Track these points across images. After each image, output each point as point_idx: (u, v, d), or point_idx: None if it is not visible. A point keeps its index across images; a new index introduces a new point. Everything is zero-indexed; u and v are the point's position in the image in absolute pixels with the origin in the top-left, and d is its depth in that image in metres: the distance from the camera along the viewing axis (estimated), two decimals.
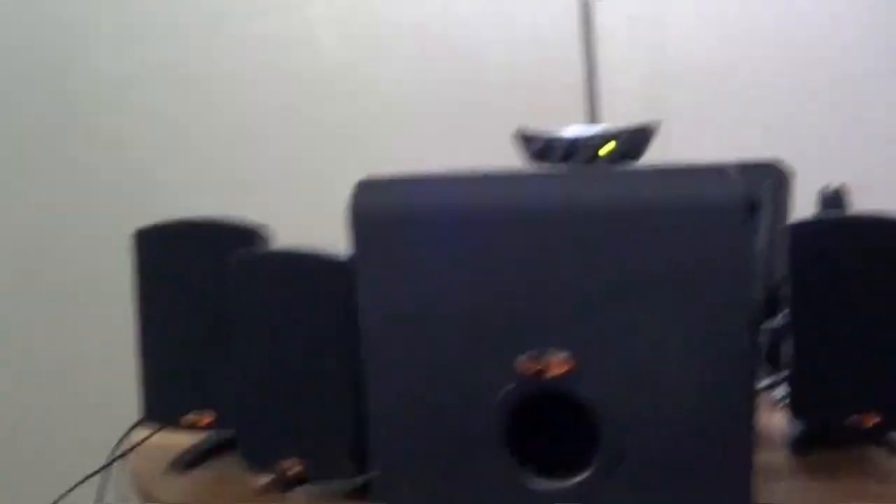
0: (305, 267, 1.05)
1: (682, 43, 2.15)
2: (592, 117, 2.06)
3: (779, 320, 1.17)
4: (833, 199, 1.29)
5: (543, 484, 0.92)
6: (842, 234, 1.05)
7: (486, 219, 0.92)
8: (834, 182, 1.29)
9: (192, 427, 1.16)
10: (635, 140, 0.97)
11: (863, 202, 1.24)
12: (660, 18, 2.16)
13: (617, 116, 1.00)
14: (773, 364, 1.21)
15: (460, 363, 0.93)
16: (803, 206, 1.35)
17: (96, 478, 1.22)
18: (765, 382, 1.25)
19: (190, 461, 1.18)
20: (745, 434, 0.88)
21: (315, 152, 2.30)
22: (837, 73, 2.04)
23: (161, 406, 1.18)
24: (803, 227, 1.06)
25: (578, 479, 0.91)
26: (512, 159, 1.08)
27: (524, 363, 0.91)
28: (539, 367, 0.91)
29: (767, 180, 1.25)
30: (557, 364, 0.91)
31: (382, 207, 0.96)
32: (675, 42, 2.15)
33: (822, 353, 1.05)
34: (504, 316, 0.92)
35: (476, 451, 0.93)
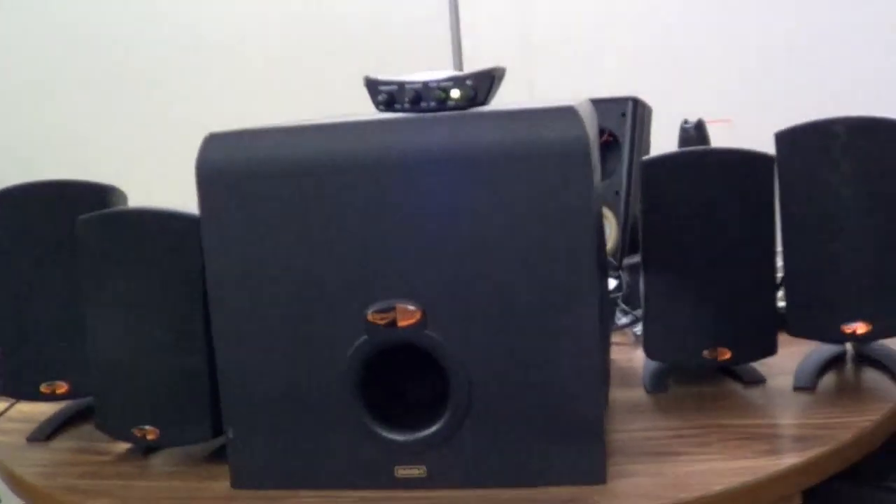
0: (157, 226, 1.01)
1: None
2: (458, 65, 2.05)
3: (639, 257, 1.18)
4: (693, 134, 1.29)
5: (397, 436, 0.92)
6: (691, 170, 1.04)
7: (330, 170, 0.90)
8: (693, 117, 1.30)
9: (49, 397, 1.13)
10: (482, 84, 0.95)
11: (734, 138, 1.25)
12: None
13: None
14: (635, 301, 1.22)
15: (310, 317, 0.92)
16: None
17: None
18: (624, 320, 1.26)
19: (48, 432, 1.15)
20: (594, 376, 0.89)
21: (168, 111, 2.27)
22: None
23: (18, 378, 1.14)
24: (654, 164, 1.06)
25: (431, 430, 0.91)
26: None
27: (374, 315, 0.90)
28: (389, 318, 0.90)
29: (626, 114, 1.25)
30: (406, 314, 0.90)
31: (227, 162, 0.93)
32: None
33: (672, 290, 1.05)
34: (352, 268, 0.90)
35: (329, 405, 0.92)
